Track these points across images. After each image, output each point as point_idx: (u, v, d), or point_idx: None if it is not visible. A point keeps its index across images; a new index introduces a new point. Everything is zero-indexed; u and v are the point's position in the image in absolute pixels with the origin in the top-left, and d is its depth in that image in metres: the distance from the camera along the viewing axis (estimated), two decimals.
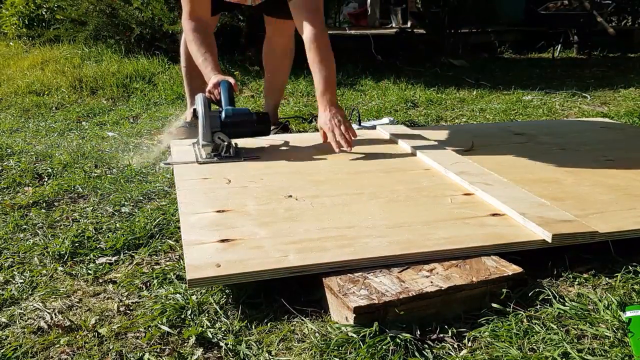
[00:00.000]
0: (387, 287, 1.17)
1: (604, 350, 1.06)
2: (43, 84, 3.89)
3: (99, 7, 4.60)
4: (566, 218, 1.42)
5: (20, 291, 1.33)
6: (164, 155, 2.32)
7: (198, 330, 1.14)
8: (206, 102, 1.95)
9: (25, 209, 1.83)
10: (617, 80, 4.26)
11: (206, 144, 1.94)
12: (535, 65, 5.26)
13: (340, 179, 1.78)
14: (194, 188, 1.71)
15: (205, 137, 1.93)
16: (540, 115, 3.17)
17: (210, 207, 1.55)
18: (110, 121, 3.10)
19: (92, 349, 1.11)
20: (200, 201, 1.60)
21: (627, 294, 1.25)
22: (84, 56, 4.58)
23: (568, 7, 6.17)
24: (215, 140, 1.95)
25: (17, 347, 1.11)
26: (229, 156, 1.96)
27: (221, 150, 1.96)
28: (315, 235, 1.36)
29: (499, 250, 1.33)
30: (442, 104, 3.49)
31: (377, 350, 1.05)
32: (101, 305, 1.27)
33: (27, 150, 2.49)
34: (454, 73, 4.68)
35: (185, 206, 1.57)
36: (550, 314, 1.17)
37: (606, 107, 3.42)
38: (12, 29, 5.92)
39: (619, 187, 1.71)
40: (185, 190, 1.69)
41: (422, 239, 1.34)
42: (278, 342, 1.12)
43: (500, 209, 1.52)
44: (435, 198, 1.62)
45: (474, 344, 1.09)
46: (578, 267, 1.36)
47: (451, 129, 2.62)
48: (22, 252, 1.53)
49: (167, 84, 3.86)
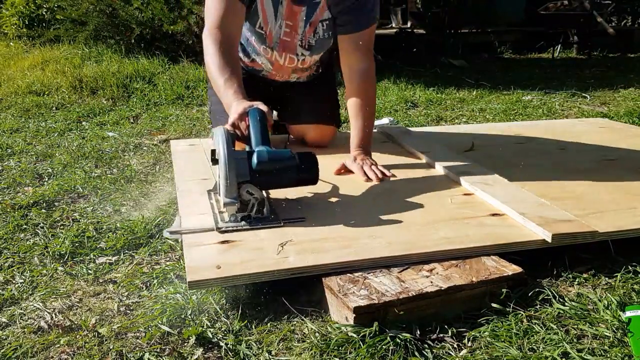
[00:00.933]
0: (387, 287, 1.17)
1: (603, 350, 1.06)
2: (43, 84, 3.90)
3: (99, 7, 4.60)
4: (566, 218, 1.42)
5: (21, 291, 1.33)
6: None
7: (198, 330, 1.14)
8: (229, 140, 1.43)
9: (26, 209, 1.83)
10: (617, 80, 4.26)
11: (230, 202, 1.39)
12: (535, 65, 5.26)
13: (340, 180, 1.78)
14: (192, 189, 1.71)
15: (229, 192, 1.39)
16: (540, 115, 3.17)
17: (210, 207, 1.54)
18: (111, 121, 3.10)
19: (92, 349, 1.11)
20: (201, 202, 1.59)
21: (626, 294, 1.25)
22: (84, 56, 4.58)
23: (568, 7, 6.17)
24: (242, 195, 1.41)
25: (17, 347, 1.12)
26: (261, 217, 1.44)
27: (250, 209, 1.43)
28: (316, 237, 1.36)
29: (499, 250, 1.33)
30: (442, 104, 3.49)
31: (377, 350, 1.05)
32: (101, 305, 1.27)
33: (27, 150, 2.49)
34: (454, 73, 4.68)
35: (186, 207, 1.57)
36: (550, 314, 1.17)
37: (606, 107, 3.42)
38: (13, 29, 5.92)
39: (618, 186, 1.71)
40: (186, 191, 1.69)
41: (422, 240, 1.35)
42: (278, 342, 1.12)
43: (500, 209, 1.52)
44: (435, 198, 1.62)
45: (473, 344, 1.09)
46: (578, 267, 1.36)
47: (451, 129, 2.63)
48: (22, 252, 1.53)
49: (167, 84, 3.86)
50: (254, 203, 1.42)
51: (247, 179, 1.40)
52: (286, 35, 1.90)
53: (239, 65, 1.76)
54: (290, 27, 1.87)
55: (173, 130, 2.86)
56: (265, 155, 1.43)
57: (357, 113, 1.85)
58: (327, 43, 1.95)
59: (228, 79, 1.63)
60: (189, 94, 3.71)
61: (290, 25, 1.87)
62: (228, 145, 1.40)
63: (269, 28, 1.88)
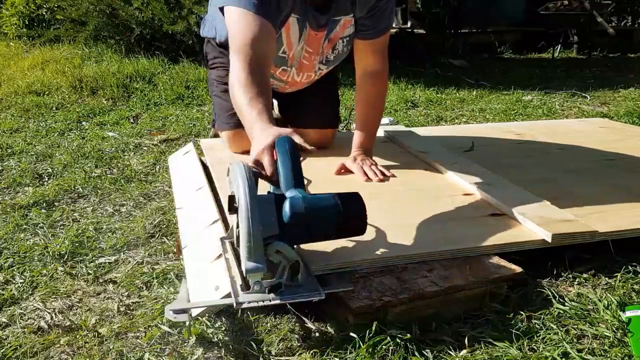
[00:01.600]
0: (387, 287, 1.17)
1: (603, 350, 1.06)
2: (43, 84, 3.90)
3: (99, 7, 4.60)
4: (566, 218, 1.42)
5: (21, 291, 1.33)
6: None
7: (198, 330, 1.14)
8: (253, 182, 1.08)
9: (26, 209, 1.83)
10: (617, 80, 4.26)
11: (254, 269, 1.03)
12: (535, 65, 5.26)
13: (339, 180, 1.78)
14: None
15: (253, 254, 1.03)
16: (540, 115, 3.17)
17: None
18: (111, 121, 3.10)
19: (92, 349, 1.11)
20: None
21: (626, 294, 1.25)
22: (84, 56, 4.58)
23: (568, 7, 6.17)
24: (270, 256, 1.06)
25: (17, 347, 1.12)
26: (295, 291, 1.08)
27: (280, 275, 1.07)
28: None
29: (499, 250, 1.33)
30: (442, 104, 3.49)
31: (377, 350, 1.05)
32: (101, 305, 1.27)
33: (27, 150, 2.49)
34: (454, 73, 4.68)
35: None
36: (550, 314, 1.17)
37: (606, 107, 3.42)
38: (13, 29, 5.92)
39: (618, 186, 1.71)
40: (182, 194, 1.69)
41: (422, 239, 1.34)
42: (278, 342, 1.12)
43: (500, 208, 1.52)
44: (435, 198, 1.62)
45: (473, 344, 1.09)
46: (578, 267, 1.36)
47: (451, 129, 2.62)
48: (22, 252, 1.53)
49: (167, 84, 3.86)
50: (285, 266, 1.06)
51: (276, 234, 1.07)
52: (305, 58, 1.87)
53: (269, 88, 1.48)
54: (310, 52, 1.85)
55: (173, 130, 2.86)
56: (301, 203, 1.08)
57: (366, 114, 1.85)
58: (344, 56, 1.92)
59: (254, 98, 1.36)
60: (189, 94, 3.71)
61: (311, 51, 1.85)
62: (251, 189, 1.06)
63: (292, 52, 1.83)
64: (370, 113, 1.86)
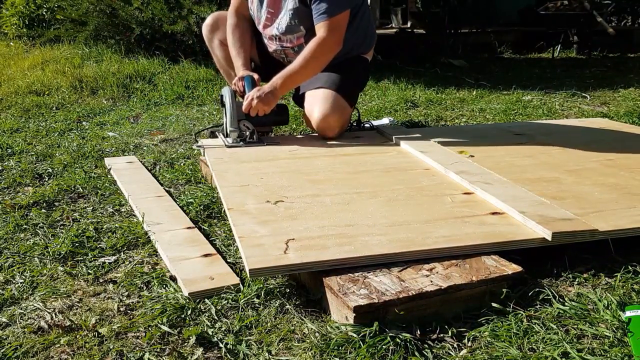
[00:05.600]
0: (387, 286, 1.17)
1: (603, 350, 1.06)
2: (43, 84, 3.90)
3: (99, 7, 4.60)
4: (566, 216, 1.42)
5: (21, 291, 1.33)
6: None
7: (198, 330, 1.14)
8: (232, 94, 2.23)
9: (26, 209, 1.83)
10: (617, 80, 4.26)
11: (233, 130, 2.18)
12: (535, 65, 5.26)
13: (340, 179, 1.78)
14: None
15: (232, 123, 2.18)
16: (540, 115, 3.17)
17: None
18: (111, 121, 3.10)
19: (92, 349, 1.11)
20: None
21: (626, 294, 1.25)
22: (84, 56, 4.58)
23: (568, 7, 6.16)
24: (240, 127, 2.20)
25: (17, 347, 1.12)
26: (253, 142, 2.20)
27: (246, 137, 2.21)
28: (315, 234, 1.37)
29: (499, 248, 1.33)
30: (442, 104, 3.49)
31: (377, 349, 1.05)
32: (101, 305, 1.27)
33: (27, 150, 2.49)
34: (454, 73, 4.68)
35: None
36: (550, 314, 1.17)
37: (606, 107, 3.42)
38: (13, 29, 5.92)
39: (618, 186, 1.71)
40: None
41: (422, 237, 1.35)
42: (278, 342, 1.12)
43: (500, 207, 1.52)
44: (435, 197, 1.62)
45: (473, 344, 1.09)
46: (578, 266, 1.36)
47: (451, 129, 2.62)
48: (22, 252, 1.53)
49: (167, 84, 3.86)
50: (250, 132, 2.23)
51: (243, 118, 2.21)
52: (267, 20, 2.37)
53: (249, 41, 2.43)
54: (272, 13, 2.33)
55: (173, 130, 2.86)
56: None
57: (297, 59, 2.20)
58: (297, 30, 2.30)
59: (238, 53, 2.36)
60: (189, 94, 3.71)
61: (272, 12, 2.33)
62: (232, 96, 2.23)
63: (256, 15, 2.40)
64: (300, 59, 2.18)
